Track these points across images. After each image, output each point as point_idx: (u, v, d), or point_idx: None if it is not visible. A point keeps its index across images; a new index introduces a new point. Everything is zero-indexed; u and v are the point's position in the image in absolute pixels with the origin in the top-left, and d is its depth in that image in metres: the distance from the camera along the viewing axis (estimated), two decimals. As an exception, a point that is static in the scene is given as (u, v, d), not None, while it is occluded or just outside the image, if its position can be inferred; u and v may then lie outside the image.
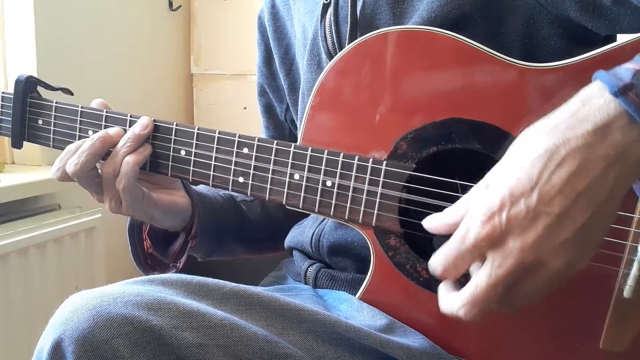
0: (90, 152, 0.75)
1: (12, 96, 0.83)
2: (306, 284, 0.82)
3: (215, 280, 0.63)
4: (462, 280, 0.55)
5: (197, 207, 0.84)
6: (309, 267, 0.82)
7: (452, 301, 0.54)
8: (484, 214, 0.51)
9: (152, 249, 0.85)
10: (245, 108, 2.10)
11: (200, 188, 0.90)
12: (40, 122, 0.82)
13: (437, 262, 0.55)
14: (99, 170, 0.77)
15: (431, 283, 0.67)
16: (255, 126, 1.03)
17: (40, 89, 0.84)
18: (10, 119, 0.83)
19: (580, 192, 0.50)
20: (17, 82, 0.82)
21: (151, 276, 0.62)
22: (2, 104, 0.84)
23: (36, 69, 1.50)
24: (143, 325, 0.54)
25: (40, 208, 1.52)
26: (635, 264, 0.59)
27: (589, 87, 0.52)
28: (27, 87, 0.82)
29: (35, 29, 1.50)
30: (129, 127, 0.77)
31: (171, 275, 0.62)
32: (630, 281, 0.59)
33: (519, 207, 0.51)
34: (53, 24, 1.56)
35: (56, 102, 0.82)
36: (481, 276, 0.52)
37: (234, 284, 0.63)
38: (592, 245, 0.52)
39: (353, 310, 0.70)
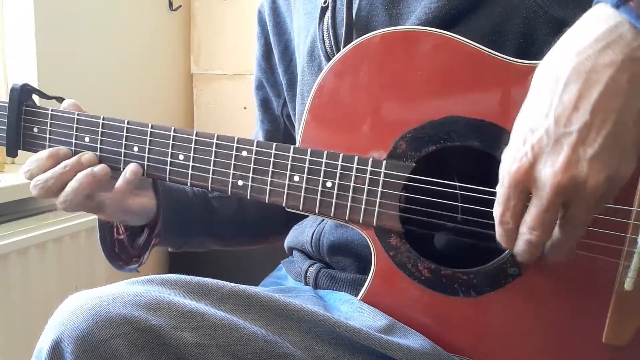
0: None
1: (7, 104, 0.81)
2: (306, 284, 0.82)
3: (215, 281, 0.63)
4: None
5: (162, 206, 0.85)
6: (309, 267, 0.82)
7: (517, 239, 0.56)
8: (512, 154, 0.54)
9: (124, 236, 0.86)
10: (245, 108, 2.10)
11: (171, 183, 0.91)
12: (35, 130, 0.81)
13: (495, 212, 0.57)
14: None
15: (433, 282, 0.67)
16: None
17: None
18: (5, 127, 0.81)
19: (595, 102, 0.50)
20: (12, 90, 0.81)
21: (150, 276, 0.62)
22: None
23: (36, 69, 1.49)
24: (142, 325, 0.54)
25: (40, 208, 1.52)
26: (636, 256, 0.59)
27: (591, 8, 0.52)
28: (22, 95, 0.81)
29: (35, 29, 1.49)
30: (126, 133, 0.78)
31: (170, 276, 0.62)
32: (630, 273, 0.59)
33: (539, 136, 0.52)
34: (53, 25, 1.56)
35: (52, 110, 0.81)
36: (530, 206, 0.54)
37: (233, 284, 0.63)
38: (630, 150, 0.52)
39: (354, 311, 0.70)
